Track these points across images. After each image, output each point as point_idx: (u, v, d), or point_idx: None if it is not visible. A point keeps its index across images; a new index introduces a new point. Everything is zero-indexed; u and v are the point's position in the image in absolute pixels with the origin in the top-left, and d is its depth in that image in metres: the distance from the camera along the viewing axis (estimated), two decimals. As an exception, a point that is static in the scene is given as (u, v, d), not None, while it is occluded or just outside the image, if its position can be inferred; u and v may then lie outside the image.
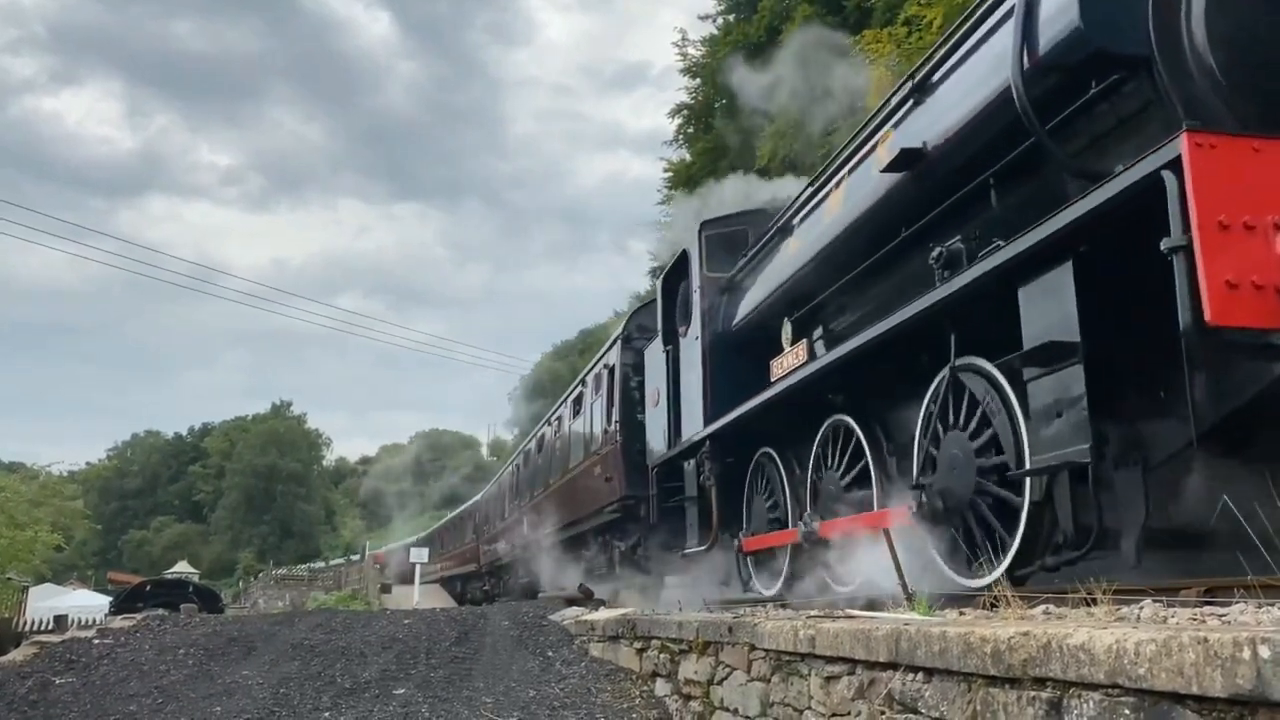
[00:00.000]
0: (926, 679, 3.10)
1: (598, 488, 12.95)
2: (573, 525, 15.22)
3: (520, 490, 20.83)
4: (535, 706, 5.91)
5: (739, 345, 8.61)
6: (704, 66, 27.89)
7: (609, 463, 12.37)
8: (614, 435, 12.18)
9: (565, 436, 16.08)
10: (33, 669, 7.17)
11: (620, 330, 13.11)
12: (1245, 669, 1.90)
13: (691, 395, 9.09)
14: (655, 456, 10.24)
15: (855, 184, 6.48)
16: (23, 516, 27.79)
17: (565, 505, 15.56)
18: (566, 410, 16.27)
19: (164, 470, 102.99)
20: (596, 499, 13.09)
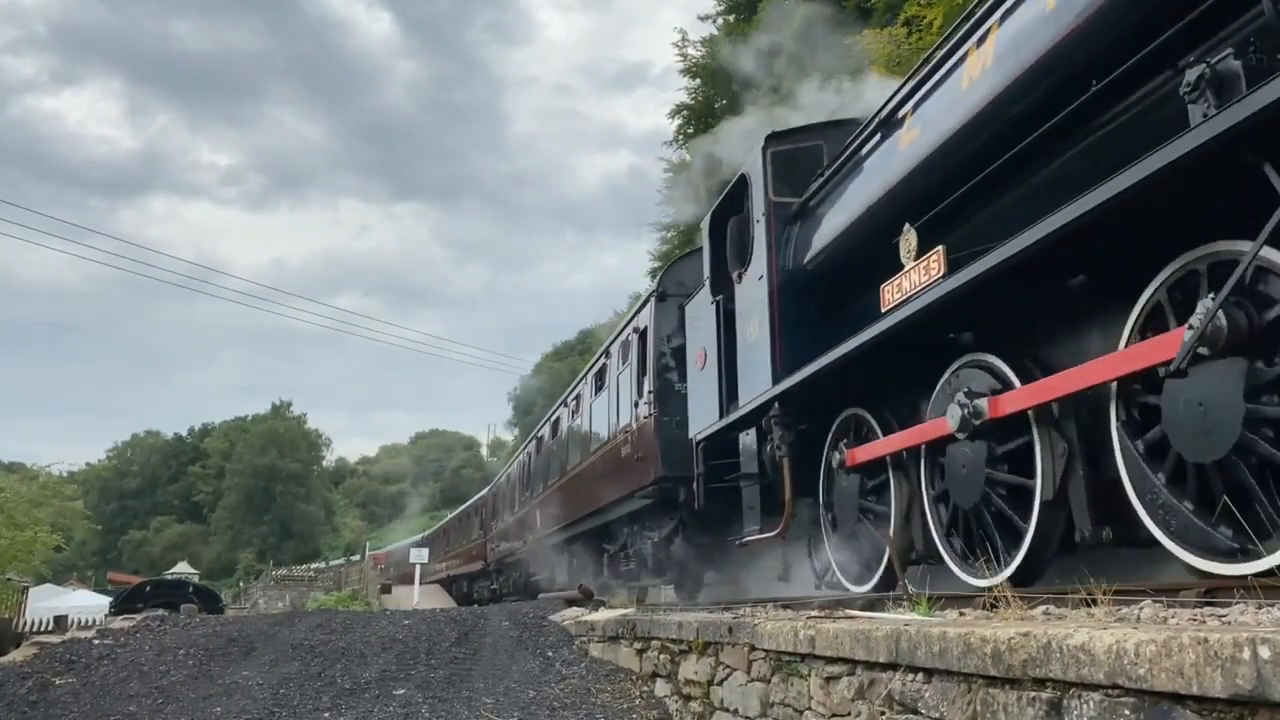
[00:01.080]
0: (926, 679, 3.10)
1: (626, 471, 11.38)
2: (595, 515, 13.61)
3: (532, 480, 19.24)
4: (535, 707, 5.91)
5: (813, 286, 7.01)
6: (704, 67, 27.89)
7: (641, 441, 10.80)
8: (647, 408, 10.59)
9: (585, 416, 14.38)
10: (32, 669, 7.16)
11: (654, 286, 11.25)
12: (1245, 669, 1.90)
13: (752, 350, 7.38)
14: (701, 429, 8.58)
15: (1014, 33, 4.81)
16: (22, 517, 27.79)
17: (586, 493, 13.80)
18: (586, 387, 14.56)
19: (164, 470, 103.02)
20: (625, 483, 11.51)
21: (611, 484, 12.13)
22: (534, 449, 19.61)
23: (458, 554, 32.38)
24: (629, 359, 11.75)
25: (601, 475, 12.71)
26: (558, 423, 17.02)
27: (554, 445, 16.99)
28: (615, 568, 13.25)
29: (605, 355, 13.33)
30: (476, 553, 27.84)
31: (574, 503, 14.62)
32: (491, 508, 26.08)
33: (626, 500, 11.62)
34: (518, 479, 21.43)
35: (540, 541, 17.70)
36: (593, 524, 13.91)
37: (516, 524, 20.96)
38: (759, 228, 7.48)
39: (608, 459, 12.39)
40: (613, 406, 12.41)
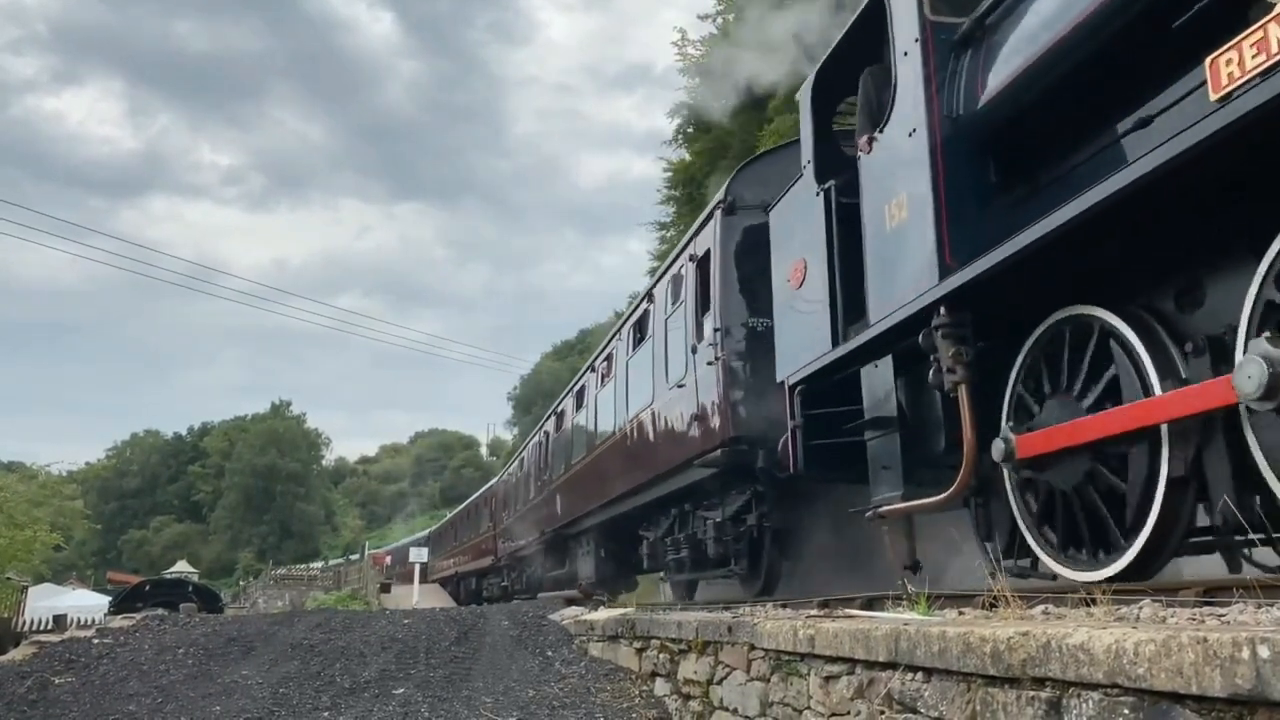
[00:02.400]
0: (926, 679, 3.10)
1: (679, 436, 9.34)
2: (632, 495, 11.43)
3: (550, 463, 17.08)
4: (535, 706, 5.91)
5: (995, 138, 4.86)
6: (704, 66, 27.87)
7: (702, 394, 8.70)
8: (712, 352, 8.40)
9: (620, 378, 12.17)
10: (32, 668, 7.17)
11: (719, 197, 8.88)
12: (1244, 669, 1.91)
13: (896, 241, 5.22)
14: (798, 367, 6.49)
15: None
16: (22, 516, 27.78)
17: (621, 470, 11.70)
18: (620, 344, 12.37)
19: (163, 470, 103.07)
20: (676, 452, 9.42)
21: (657, 455, 10.15)
22: (552, 427, 17.44)
23: (465, 550, 30.62)
24: (682, 296, 9.55)
25: (643, 446, 10.70)
26: (582, 393, 14.83)
27: (578, 420, 14.77)
28: (658, 558, 11.30)
29: (646, 299, 11.14)
30: (485, 548, 26.17)
31: (604, 483, 12.53)
32: (501, 499, 24.26)
33: (678, 473, 9.54)
34: (532, 463, 19.36)
35: (560, 531, 15.90)
36: (628, 506, 11.81)
37: (531, 514, 18.97)
38: (908, 65, 5.23)
39: (652, 424, 10.33)
40: (658, 359, 10.29)
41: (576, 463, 14.49)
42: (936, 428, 5.19)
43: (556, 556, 17.12)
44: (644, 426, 10.72)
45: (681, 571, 10.45)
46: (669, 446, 9.72)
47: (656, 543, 11.20)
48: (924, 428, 5.33)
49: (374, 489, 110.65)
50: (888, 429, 5.62)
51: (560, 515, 15.64)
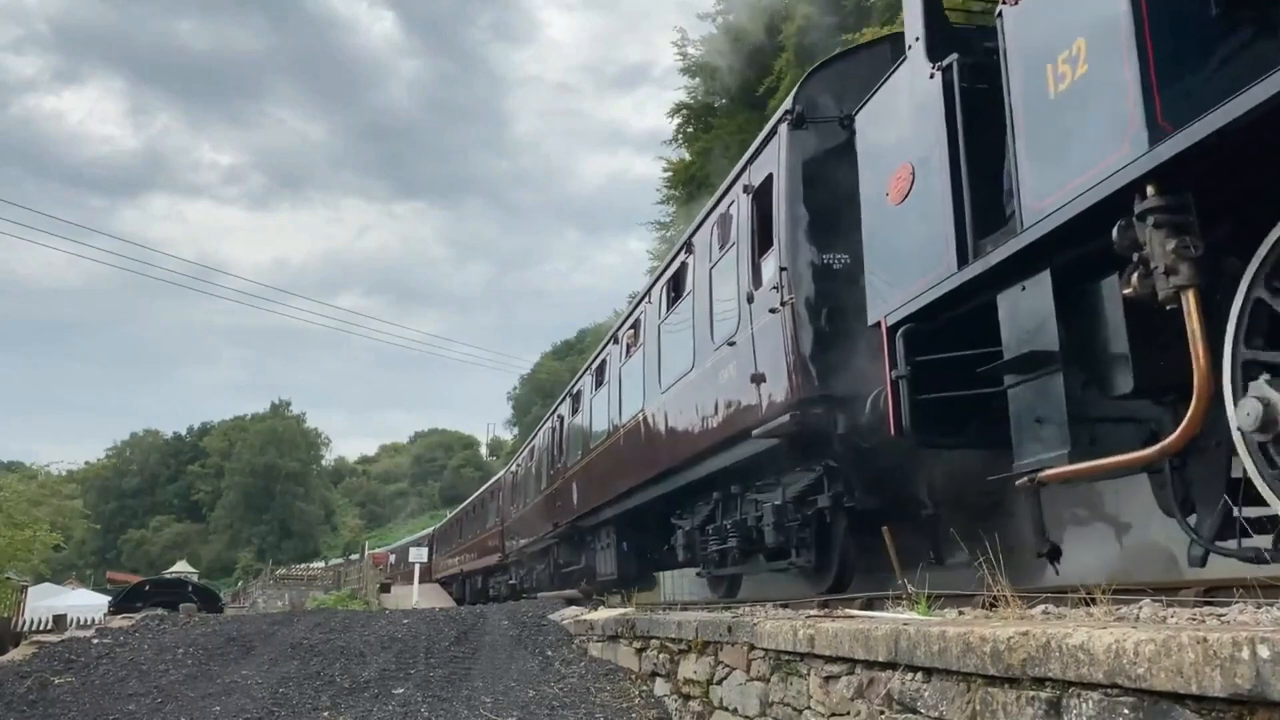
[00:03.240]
0: (926, 679, 3.10)
1: (730, 403, 7.98)
2: (665, 478, 10.08)
3: (565, 449, 15.67)
4: (534, 706, 5.91)
5: None
6: (703, 66, 27.89)
7: (762, 350, 7.25)
8: (778, 297, 6.91)
9: (650, 345, 10.68)
10: (31, 668, 7.16)
11: (786, 106, 7.32)
12: (1244, 669, 1.91)
13: (1063, 109, 3.99)
14: (904, 301, 5.22)
15: None
16: (22, 516, 27.77)
17: (651, 451, 10.34)
18: (649, 309, 10.89)
19: (163, 470, 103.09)
20: (727, 422, 8.04)
21: (699, 429, 8.75)
22: (567, 410, 15.95)
23: (471, 547, 29.23)
24: (732, 238, 8.10)
25: (680, 420, 9.34)
26: (602, 369, 13.31)
27: (598, 399, 13.33)
28: (695, 550, 9.83)
29: (683, 251, 9.67)
30: (492, 544, 24.68)
31: (630, 467, 11.18)
32: (509, 492, 22.73)
33: (727, 448, 8.17)
34: (544, 452, 17.80)
35: (576, 524, 14.53)
36: (659, 492, 10.41)
37: (542, 506, 17.51)
38: None
39: (694, 394, 8.89)
40: (700, 318, 8.77)
41: (597, 447, 12.89)
42: (1117, 364, 3.99)
43: (571, 551, 15.75)
44: (682, 398, 9.19)
45: (724, 565, 9.14)
46: (716, 418, 8.26)
47: (692, 533, 9.74)
48: (1096, 365, 4.13)
49: (373, 489, 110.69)
50: (1042, 370, 4.34)
51: (576, 506, 14.18)
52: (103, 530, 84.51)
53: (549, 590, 17.08)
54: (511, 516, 21.94)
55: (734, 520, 8.59)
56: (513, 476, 22.58)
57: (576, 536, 15.13)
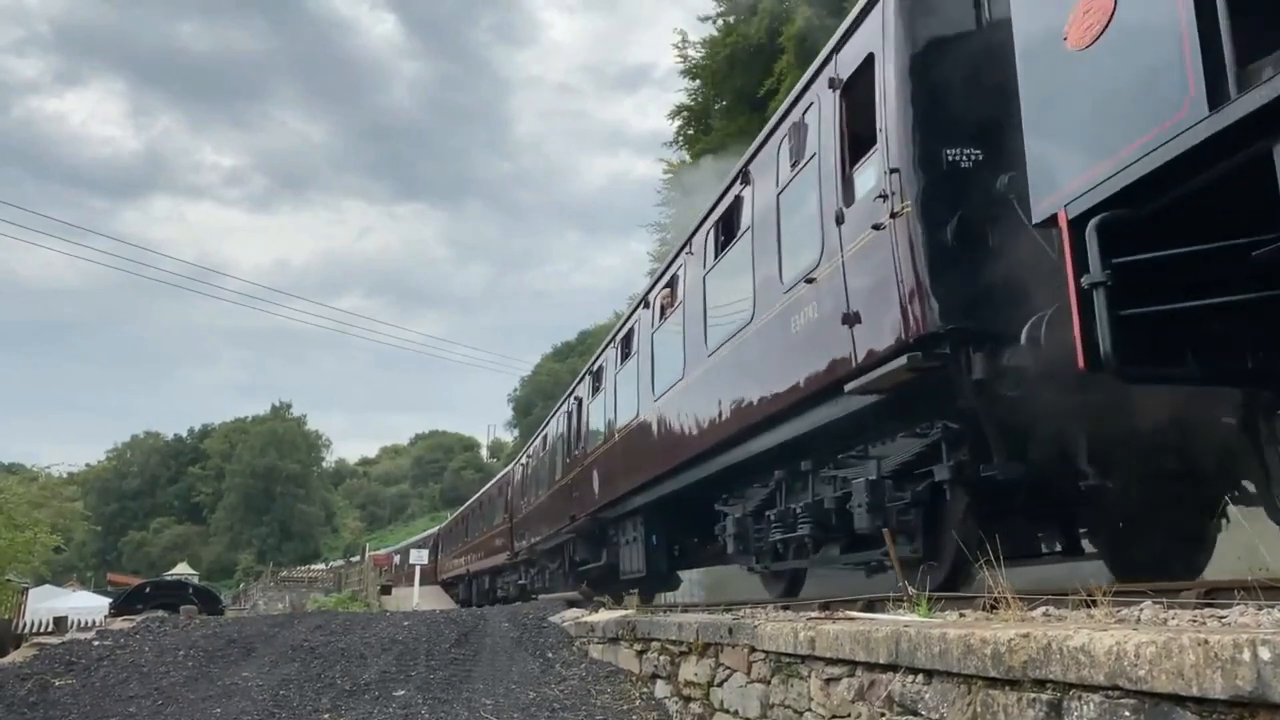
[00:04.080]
0: (927, 681, 3.10)
1: (810, 354, 6.40)
2: (709, 459, 8.64)
3: (585, 434, 14.15)
4: (535, 709, 5.91)
5: None
6: (704, 68, 27.90)
7: (863, 278, 5.72)
8: (885, 207, 5.43)
9: (691, 304, 9.12)
10: (32, 670, 7.16)
11: None
12: (1245, 670, 1.90)
13: None
14: (1102, 179, 3.81)
15: None
16: (22, 518, 27.77)
17: (693, 426, 8.85)
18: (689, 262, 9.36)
19: (163, 471, 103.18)
20: (806, 378, 6.46)
21: (762, 392, 7.23)
22: (586, 391, 14.50)
23: (477, 546, 27.61)
24: (811, 149, 6.53)
25: (735, 384, 7.83)
26: (629, 339, 11.83)
27: (624, 374, 11.84)
28: (747, 540, 8.29)
29: (739, 182, 8.09)
30: (500, 543, 23.21)
31: (666, 446, 9.76)
32: (519, 485, 21.18)
33: (803, 410, 6.65)
34: (559, 439, 16.39)
35: (597, 516, 13.09)
36: (702, 473, 8.92)
37: (557, 498, 16.08)
38: None
39: (755, 349, 7.37)
40: (763, 256, 7.28)
41: (623, 428, 11.47)
42: None
43: (589, 547, 14.27)
44: (737, 359, 7.77)
45: (784, 557, 7.74)
46: (786, 377, 6.76)
47: (744, 520, 8.25)
48: None
49: (374, 490, 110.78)
50: None
51: (598, 496, 12.78)
52: (103, 532, 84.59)
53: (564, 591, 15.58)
54: (521, 512, 20.43)
55: (805, 503, 7.05)
56: (522, 469, 21.07)
57: (596, 531, 13.70)
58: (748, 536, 8.30)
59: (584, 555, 14.51)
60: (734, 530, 8.52)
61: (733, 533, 8.56)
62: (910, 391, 5.42)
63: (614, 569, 12.65)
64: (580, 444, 14.47)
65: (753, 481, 8.22)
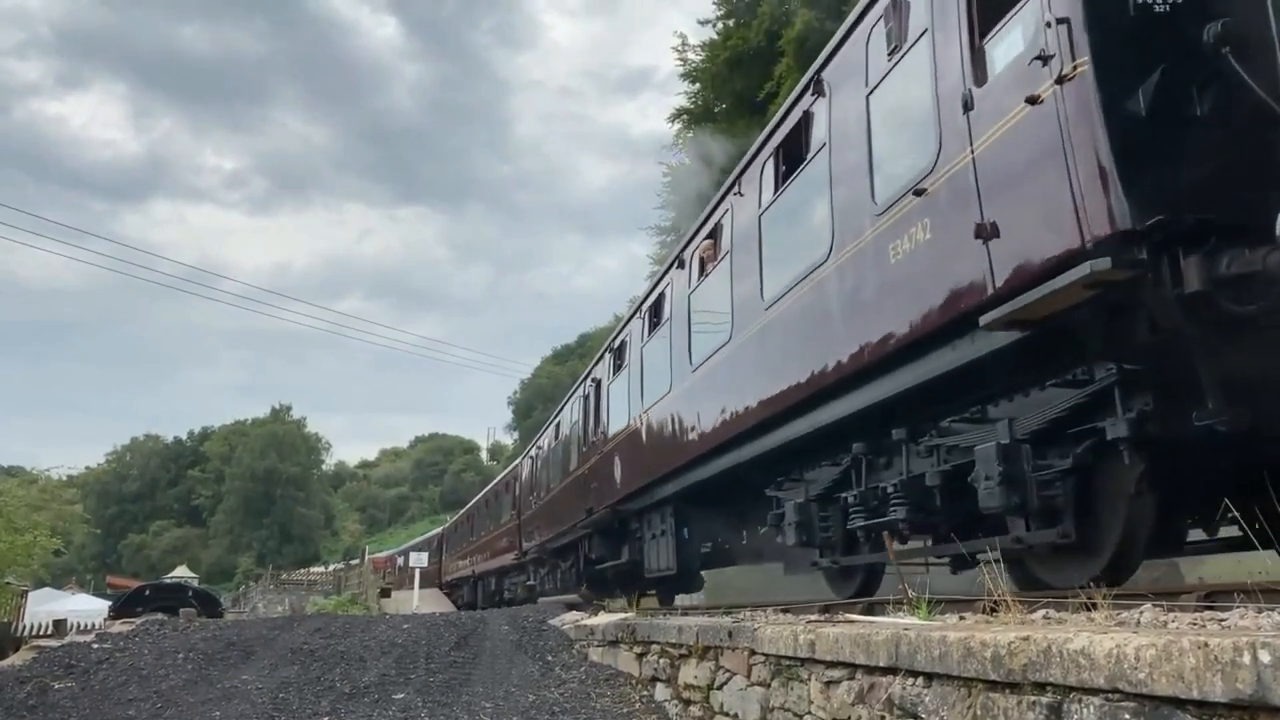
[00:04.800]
0: (927, 684, 3.09)
1: (925, 280, 5.06)
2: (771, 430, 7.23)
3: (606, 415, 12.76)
4: (535, 712, 5.90)
5: None
6: (704, 71, 27.94)
7: (1005, 175, 4.50)
8: (1042, 74, 4.20)
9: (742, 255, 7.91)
10: (31, 673, 7.15)
11: None
12: (1245, 673, 1.90)
13: None
14: None
15: None
16: (21, 521, 27.75)
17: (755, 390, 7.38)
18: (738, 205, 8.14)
19: (163, 474, 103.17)
20: (921, 317, 5.09)
21: (840, 343, 5.92)
22: (605, 371, 13.09)
23: (482, 546, 26.20)
24: (923, 24, 5.32)
25: (802, 337, 6.54)
26: (659, 306, 10.60)
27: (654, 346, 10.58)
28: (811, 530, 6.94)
29: (811, 93, 6.76)
30: (507, 542, 21.89)
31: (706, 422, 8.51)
32: (527, 481, 19.79)
33: (907, 360, 5.34)
34: (574, 426, 15.12)
35: (617, 508, 11.91)
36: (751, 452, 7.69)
37: (570, 491, 14.74)
38: None
39: (834, 292, 6.06)
40: (846, 178, 6.03)
41: (652, 406, 10.28)
42: None
43: (607, 544, 13.07)
44: (806, 307, 6.47)
45: (862, 548, 6.55)
46: (884, 317, 5.42)
47: (808, 506, 6.94)
48: None
49: (374, 493, 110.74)
50: None
51: (620, 485, 11.55)
52: (103, 535, 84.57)
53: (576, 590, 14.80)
54: (530, 508, 19.08)
55: (897, 481, 5.70)
56: (531, 462, 19.69)
57: (616, 525, 12.46)
58: (811, 526, 6.93)
59: (601, 553, 13.25)
60: (795, 518, 7.02)
61: (794, 521, 7.03)
62: (1067, 324, 4.21)
63: (637, 567, 11.58)
64: (599, 430, 13.02)
65: (817, 460, 6.95)
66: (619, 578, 12.81)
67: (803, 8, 21.47)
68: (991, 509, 4.72)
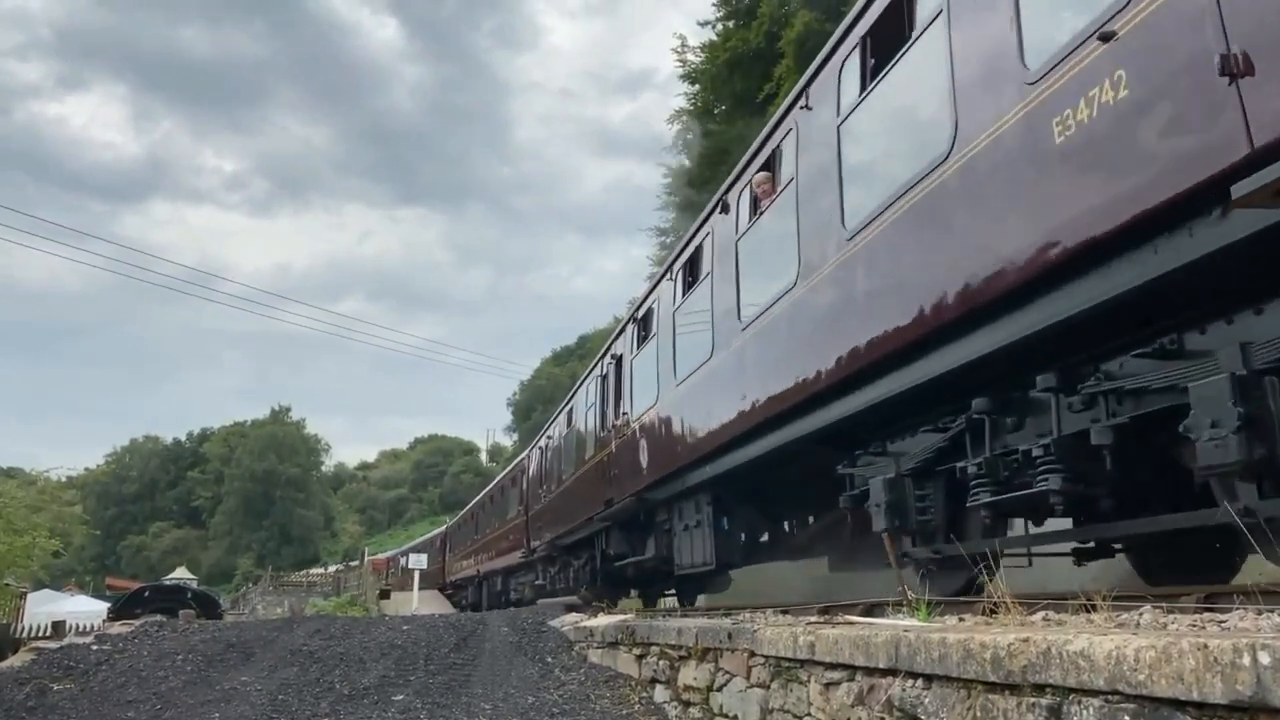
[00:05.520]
0: (926, 685, 3.09)
1: (1108, 153, 3.71)
2: (854, 388, 5.92)
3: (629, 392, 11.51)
4: (534, 713, 5.90)
5: None
6: (703, 72, 27.96)
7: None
8: None
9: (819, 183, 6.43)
10: (30, 675, 7.15)
11: None
12: (1245, 675, 1.90)
13: None
14: None
15: None
16: (21, 522, 27.76)
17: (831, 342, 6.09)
18: (805, 123, 6.79)
19: (162, 475, 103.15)
20: (1099, 210, 3.75)
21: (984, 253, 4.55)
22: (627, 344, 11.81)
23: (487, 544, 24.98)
24: None
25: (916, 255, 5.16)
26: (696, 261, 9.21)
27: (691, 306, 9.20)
28: (905, 512, 5.67)
29: None
30: (514, 539, 20.70)
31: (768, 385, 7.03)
32: (537, 472, 18.49)
33: (1085, 267, 3.98)
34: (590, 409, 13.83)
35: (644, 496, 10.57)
36: (831, 416, 6.21)
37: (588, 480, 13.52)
38: None
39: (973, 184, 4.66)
40: (980, 31, 4.73)
41: (690, 376, 8.92)
42: None
43: (629, 538, 11.98)
44: (913, 226, 5.15)
45: (969, 533, 5.32)
46: (1040, 221, 4.13)
47: (901, 482, 5.65)
48: None
49: (373, 494, 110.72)
50: None
51: (646, 471, 10.31)
52: (102, 536, 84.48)
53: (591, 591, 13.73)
54: (540, 501, 17.81)
55: (1048, 442, 4.45)
56: (540, 453, 18.36)
57: (640, 517, 11.25)
58: (905, 508, 5.58)
59: (620, 548, 12.08)
60: (886, 498, 5.59)
61: (884, 502, 5.60)
62: None
63: (665, 563, 10.49)
64: (621, 410, 11.74)
65: (906, 429, 5.75)
66: (641, 575, 11.92)
67: (802, 9, 21.49)
68: (1216, 469, 3.51)
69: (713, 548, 8.89)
